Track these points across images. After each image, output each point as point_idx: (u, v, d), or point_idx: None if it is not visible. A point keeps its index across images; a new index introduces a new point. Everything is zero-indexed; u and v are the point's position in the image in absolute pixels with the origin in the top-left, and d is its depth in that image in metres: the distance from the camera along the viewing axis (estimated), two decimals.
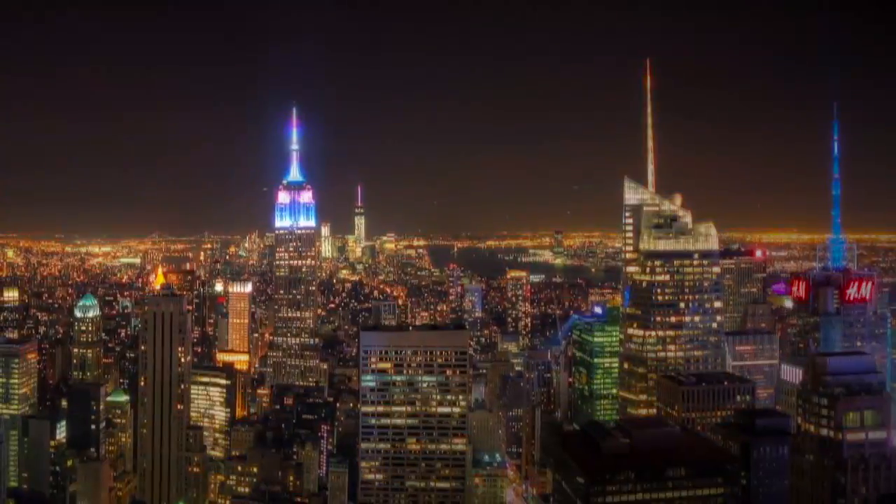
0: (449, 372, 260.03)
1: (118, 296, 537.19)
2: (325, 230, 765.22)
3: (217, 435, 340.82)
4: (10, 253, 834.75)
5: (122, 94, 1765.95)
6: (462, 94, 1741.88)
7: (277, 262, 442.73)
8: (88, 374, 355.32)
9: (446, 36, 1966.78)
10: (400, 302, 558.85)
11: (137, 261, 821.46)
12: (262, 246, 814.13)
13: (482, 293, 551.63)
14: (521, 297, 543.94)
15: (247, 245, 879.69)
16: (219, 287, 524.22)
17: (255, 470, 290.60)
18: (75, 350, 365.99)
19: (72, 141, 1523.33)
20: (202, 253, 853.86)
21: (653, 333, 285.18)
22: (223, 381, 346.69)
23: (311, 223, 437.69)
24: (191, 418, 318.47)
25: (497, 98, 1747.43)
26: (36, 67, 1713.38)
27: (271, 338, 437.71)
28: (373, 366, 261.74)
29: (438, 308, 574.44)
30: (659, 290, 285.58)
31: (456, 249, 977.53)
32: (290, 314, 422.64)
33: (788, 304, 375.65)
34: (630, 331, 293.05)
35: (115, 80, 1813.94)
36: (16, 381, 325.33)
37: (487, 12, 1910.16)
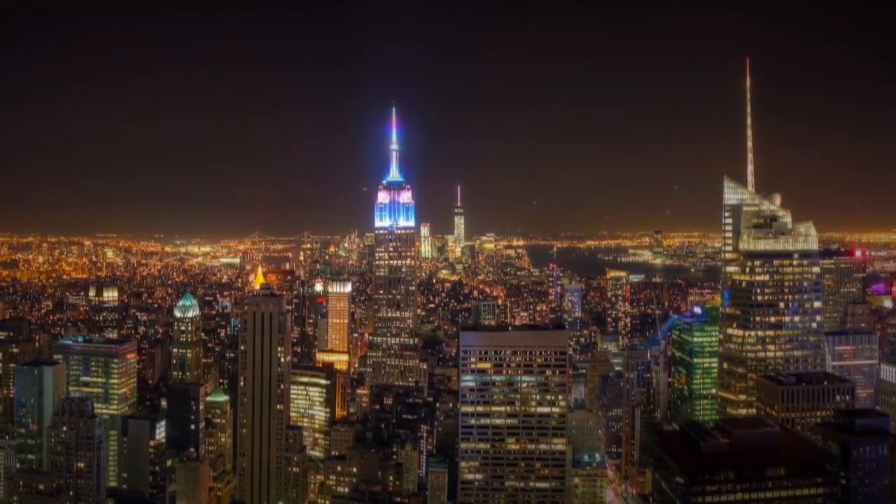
0: (548, 372, 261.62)
1: (218, 296, 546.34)
2: (424, 230, 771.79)
3: (317, 435, 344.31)
4: (109, 253, 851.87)
5: (221, 94, 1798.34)
6: (562, 93, 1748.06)
7: (377, 262, 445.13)
8: (188, 373, 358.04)
9: (547, 36, 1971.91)
10: (499, 302, 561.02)
11: (237, 261, 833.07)
12: (361, 246, 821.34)
13: (582, 293, 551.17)
14: (620, 297, 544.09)
15: (346, 245, 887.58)
16: (318, 287, 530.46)
17: (354, 470, 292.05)
18: (175, 350, 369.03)
19: (172, 141, 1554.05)
20: (302, 253, 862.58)
21: (752, 333, 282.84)
22: (323, 381, 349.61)
23: (411, 223, 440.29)
24: (290, 418, 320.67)
25: (597, 98, 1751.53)
26: (136, 69, 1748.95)
27: (371, 338, 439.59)
28: (472, 366, 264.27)
29: (538, 308, 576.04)
30: (759, 290, 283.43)
31: (555, 249, 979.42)
32: (389, 314, 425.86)
33: (888, 303, 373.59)
34: (729, 331, 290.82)
35: (216, 81, 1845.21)
36: (115, 381, 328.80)
37: (587, 13, 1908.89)
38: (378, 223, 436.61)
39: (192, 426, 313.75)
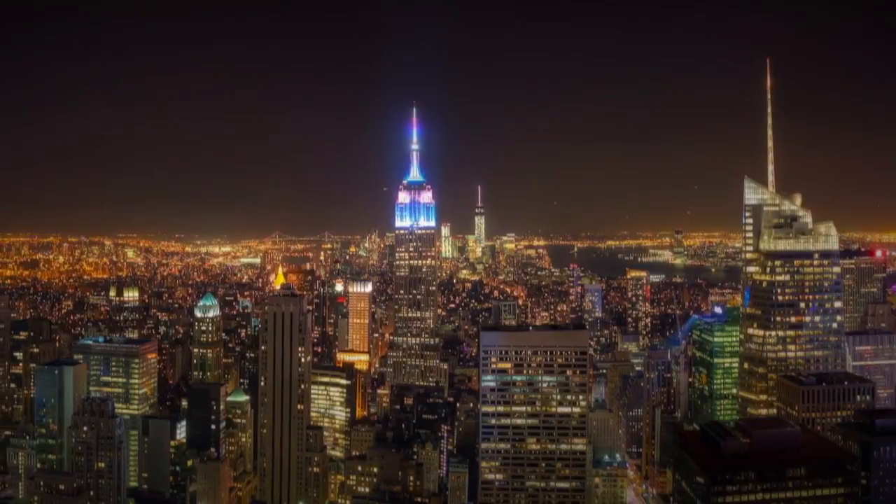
0: (569, 372, 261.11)
1: (238, 296, 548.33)
2: (445, 230, 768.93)
3: (337, 435, 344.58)
4: (130, 253, 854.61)
5: (242, 94, 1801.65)
6: (582, 94, 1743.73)
7: (397, 262, 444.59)
8: (208, 374, 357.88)
9: (567, 36, 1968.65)
10: (520, 302, 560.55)
11: (257, 261, 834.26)
12: (382, 246, 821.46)
13: (602, 293, 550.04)
14: (641, 297, 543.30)
15: (367, 245, 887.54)
16: (339, 287, 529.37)
17: (375, 470, 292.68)
18: (195, 350, 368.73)
19: (192, 141, 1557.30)
20: (322, 253, 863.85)
21: (773, 333, 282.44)
22: (343, 381, 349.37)
23: (431, 223, 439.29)
24: (311, 418, 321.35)
25: (617, 98, 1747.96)
26: (157, 69, 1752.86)
27: (391, 338, 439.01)
28: (493, 366, 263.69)
29: (558, 308, 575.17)
30: (779, 290, 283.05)
31: (576, 249, 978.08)
32: (410, 314, 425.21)
33: None
34: (750, 331, 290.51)
35: (236, 81, 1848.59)
36: (136, 381, 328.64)
37: (607, 13, 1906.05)
38: (398, 223, 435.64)
39: (213, 426, 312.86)
